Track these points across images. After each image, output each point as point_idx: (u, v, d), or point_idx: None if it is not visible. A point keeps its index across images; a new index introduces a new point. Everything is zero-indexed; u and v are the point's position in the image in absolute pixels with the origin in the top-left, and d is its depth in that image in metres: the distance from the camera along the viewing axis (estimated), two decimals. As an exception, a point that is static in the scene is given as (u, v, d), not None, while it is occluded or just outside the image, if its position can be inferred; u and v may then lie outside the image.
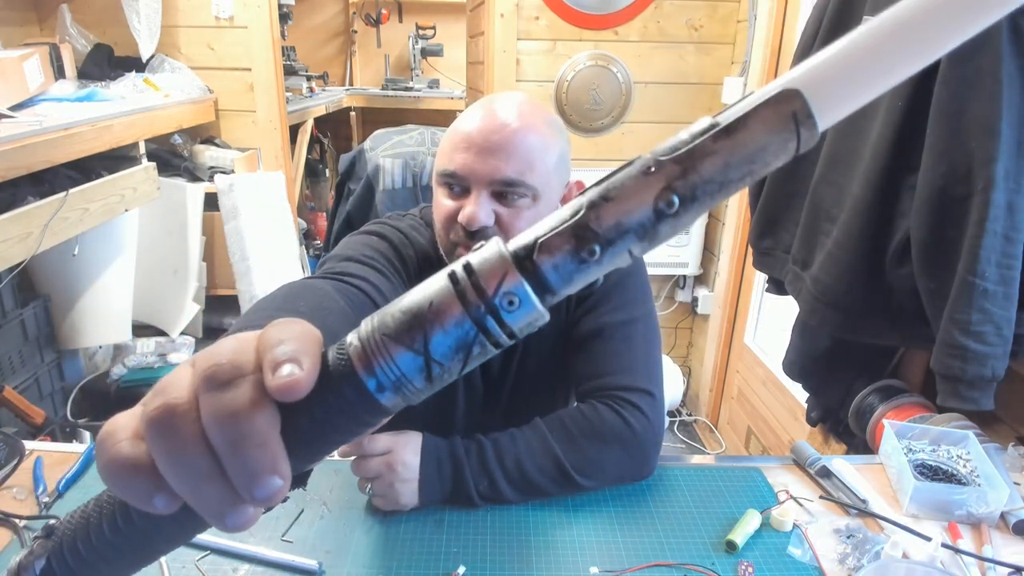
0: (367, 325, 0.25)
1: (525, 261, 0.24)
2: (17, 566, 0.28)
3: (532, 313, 0.24)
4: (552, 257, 0.24)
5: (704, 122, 0.23)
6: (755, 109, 0.23)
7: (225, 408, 0.23)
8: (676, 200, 0.23)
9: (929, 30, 0.21)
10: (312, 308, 0.62)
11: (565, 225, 0.24)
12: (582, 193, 0.24)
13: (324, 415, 0.25)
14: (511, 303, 0.24)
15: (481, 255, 0.24)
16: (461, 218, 0.81)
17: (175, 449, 0.23)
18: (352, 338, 0.25)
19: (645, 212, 0.23)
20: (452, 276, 0.24)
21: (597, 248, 0.23)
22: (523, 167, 0.80)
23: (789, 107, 0.22)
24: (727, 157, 0.23)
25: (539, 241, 0.24)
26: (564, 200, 0.91)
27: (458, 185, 0.83)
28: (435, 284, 0.25)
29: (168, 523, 0.26)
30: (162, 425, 0.24)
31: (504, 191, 0.81)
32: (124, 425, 0.25)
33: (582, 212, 0.24)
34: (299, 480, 0.38)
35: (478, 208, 0.79)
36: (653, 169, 0.23)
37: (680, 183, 0.23)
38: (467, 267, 0.24)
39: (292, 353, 0.24)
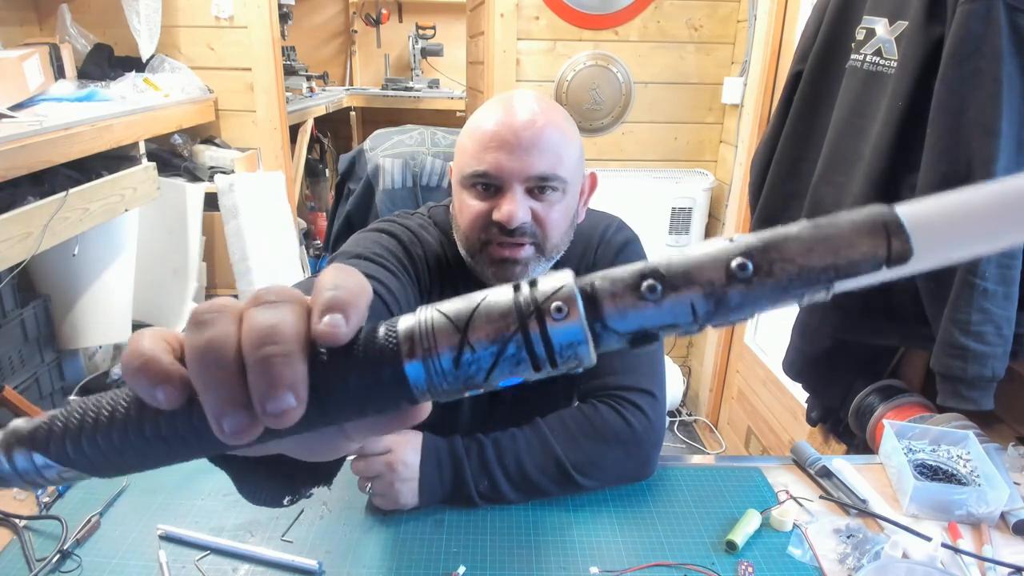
0: (422, 311, 0.26)
1: (586, 286, 0.24)
2: (18, 427, 0.27)
3: (576, 332, 0.24)
4: (612, 287, 0.24)
5: (803, 222, 0.24)
6: (846, 212, 0.24)
7: (265, 317, 0.24)
8: (750, 266, 0.23)
9: None
10: None
11: (634, 267, 0.24)
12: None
13: (356, 382, 0.25)
14: (559, 311, 0.24)
15: (548, 276, 0.25)
16: (499, 216, 0.81)
17: (210, 341, 0.24)
18: (407, 318, 0.26)
19: (716, 270, 0.23)
20: (516, 286, 0.25)
21: (659, 287, 0.24)
22: (554, 161, 0.81)
23: (881, 217, 0.24)
24: (810, 242, 0.23)
25: (605, 275, 0.25)
26: (583, 193, 0.91)
27: (491, 185, 0.83)
28: (497, 288, 0.25)
29: (170, 431, 0.25)
30: (205, 316, 0.25)
31: (537, 186, 0.82)
32: (159, 331, 0.26)
33: (655, 261, 0.24)
34: (325, 477, 0.38)
35: (516, 206, 0.80)
36: (733, 240, 0.24)
37: (757, 253, 0.23)
38: (532, 282, 0.25)
39: (342, 303, 0.25)
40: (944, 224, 0.23)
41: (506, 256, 0.84)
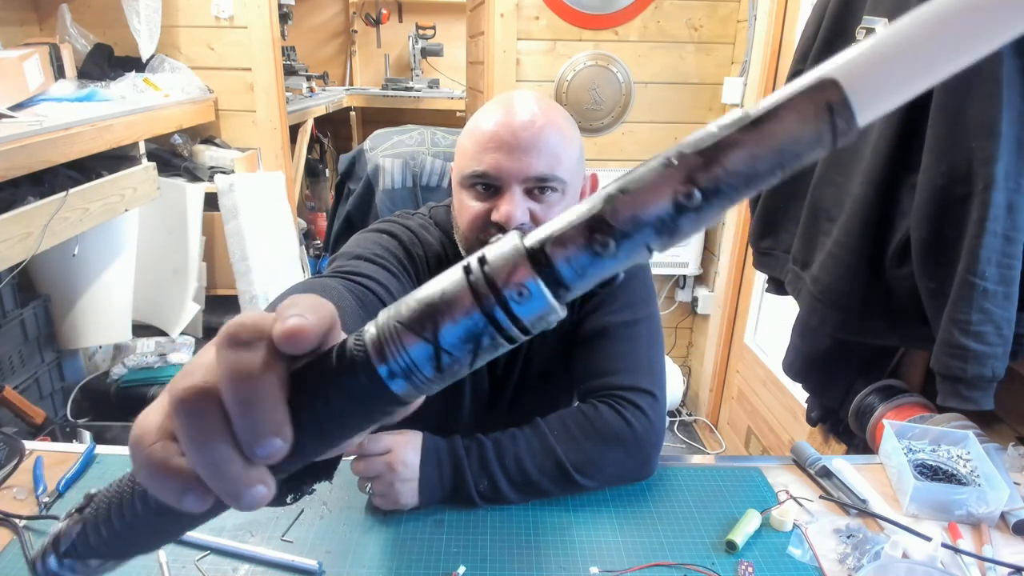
0: (384, 315, 0.26)
1: (539, 254, 0.24)
2: (57, 534, 0.29)
3: (543, 307, 0.24)
4: (565, 250, 0.23)
5: (735, 114, 0.22)
6: (788, 99, 0.22)
7: (238, 367, 0.25)
8: (697, 194, 0.22)
9: (981, 19, 0.20)
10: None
11: (580, 219, 0.23)
12: (603, 188, 0.24)
13: (338, 399, 0.25)
14: (521, 294, 0.24)
15: (496, 248, 0.25)
16: (497, 217, 0.81)
17: (195, 423, 0.25)
18: (370, 327, 0.26)
19: (664, 205, 0.22)
20: (466, 268, 0.25)
21: (611, 241, 0.23)
22: (552, 162, 0.81)
23: (824, 97, 0.21)
24: (754, 149, 0.21)
25: (553, 235, 0.24)
26: (583, 194, 0.91)
27: (490, 185, 0.83)
28: (450, 275, 0.25)
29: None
30: (190, 407, 0.25)
31: (536, 187, 0.82)
32: (152, 424, 0.26)
33: (599, 206, 0.23)
34: (325, 472, 0.38)
35: (515, 207, 0.80)
36: (675, 162, 0.22)
37: (702, 175, 0.22)
38: (481, 259, 0.24)
39: (300, 311, 0.26)
40: (885, 76, 0.21)
41: None
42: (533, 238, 0.24)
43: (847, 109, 0.21)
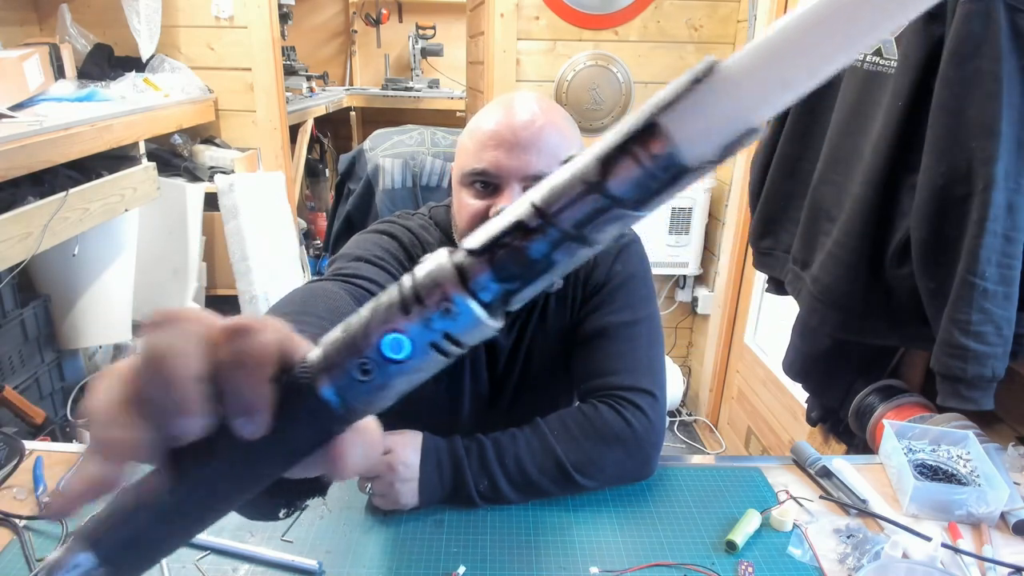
0: (328, 336, 0.26)
1: (466, 272, 0.24)
2: (52, 564, 0.28)
3: (473, 322, 0.24)
4: (492, 266, 0.23)
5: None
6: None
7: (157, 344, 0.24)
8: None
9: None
10: (329, 311, 0.66)
11: (511, 225, 0.23)
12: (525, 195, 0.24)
13: (284, 420, 0.25)
14: (448, 311, 0.23)
15: (426, 265, 0.24)
16: (495, 215, 0.81)
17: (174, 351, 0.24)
18: (316, 349, 0.26)
19: (584, 209, 0.22)
20: (400, 284, 0.25)
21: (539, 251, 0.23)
22: (552, 161, 0.82)
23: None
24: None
25: (483, 245, 0.24)
26: None
27: (489, 183, 0.83)
28: (386, 292, 0.25)
29: (206, 485, 0.26)
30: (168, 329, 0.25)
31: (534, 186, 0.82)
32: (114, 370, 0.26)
33: (526, 213, 0.23)
34: (319, 489, 0.38)
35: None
36: (592, 179, 0.22)
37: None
38: (412, 276, 0.24)
39: (244, 407, 0.24)
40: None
41: None
42: (463, 250, 0.24)
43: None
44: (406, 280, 0.24)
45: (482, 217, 0.83)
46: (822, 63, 0.19)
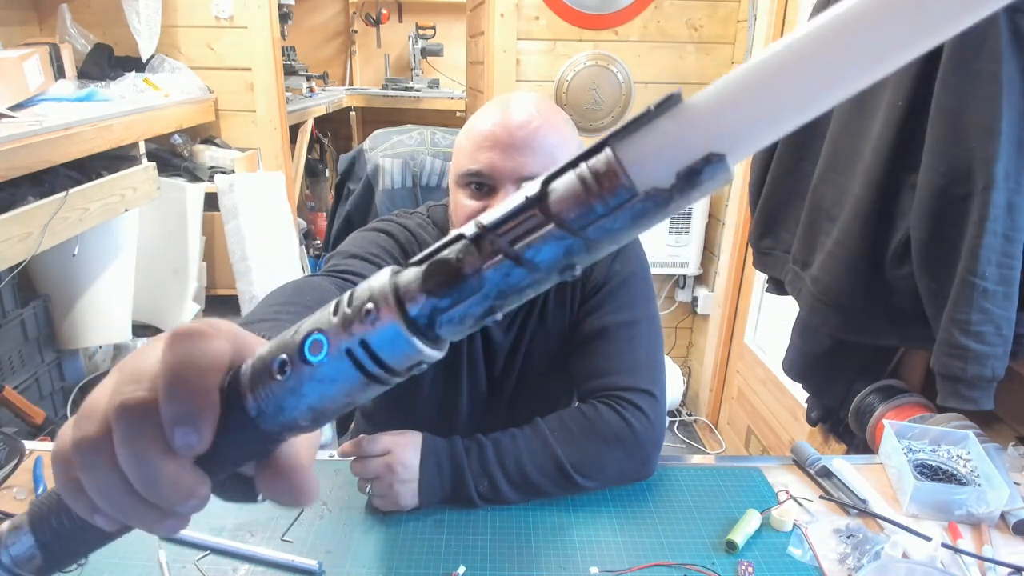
0: (263, 348, 0.25)
1: (400, 278, 0.23)
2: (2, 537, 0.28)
3: (393, 335, 0.22)
4: (428, 294, 0.22)
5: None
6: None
7: (134, 454, 0.24)
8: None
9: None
10: (317, 303, 0.64)
11: (452, 237, 0.22)
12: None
13: (228, 439, 0.24)
14: (367, 316, 0.22)
15: (368, 283, 0.23)
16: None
17: (97, 480, 0.24)
18: (248, 361, 0.25)
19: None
20: (337, 302, 0.24)
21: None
22: (547, 162, 0.81)
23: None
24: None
25: (423, 256, 0.22)
26: None
27: (484, 184, 0.83)
28: (324, 309, 0.24)
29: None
30: (83, 457, 0.24)
31: None
32: (63, 444, 0.26)
33: (470, 225, 0.22)
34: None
35: None
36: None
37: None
38: (350, 295, 0.23)
39: (184, 416, 0.24)
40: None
41: None
42: (406, 272, 0.23)
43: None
44: (343, 298, 0.23)
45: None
46: (791, 105, 0.19)
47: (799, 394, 1.86)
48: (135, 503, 0.24)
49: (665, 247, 2.57)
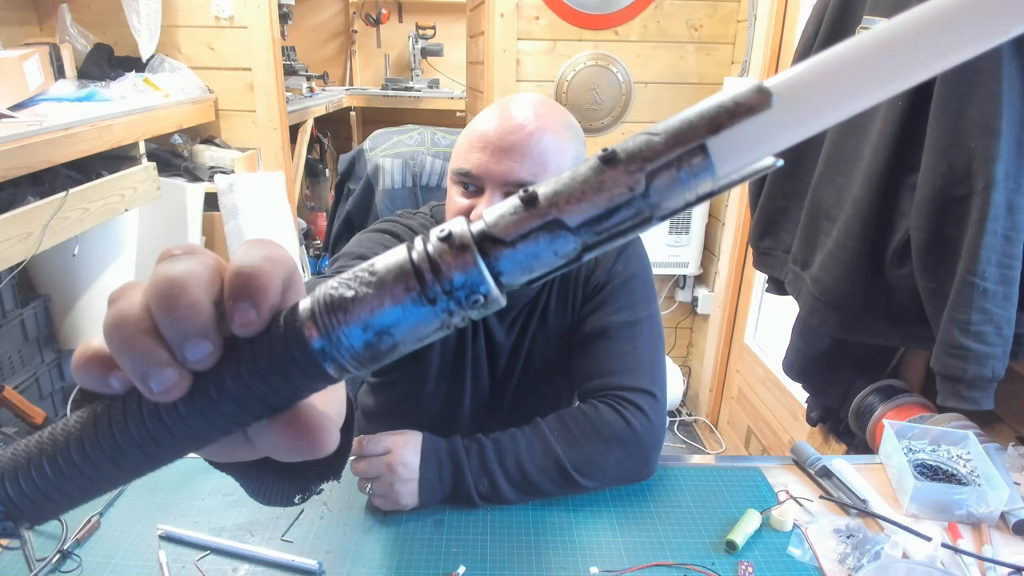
0: (320, 289, 0.25)
1: (485, 243, 0.23)
2: None
3: (488, 294, 0.23)
4: (508, 246, 0.23)
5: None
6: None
7: (166, 270, 0.24)
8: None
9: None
10: None
11: (516, 208, 0.24)
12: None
13: (266, 365, 0.24)
14: (467, 278, 0.23)
15: (442, 232, 0.24)
16: (474, 217, 0.81)
17: (116, 312, 0.24)
18: (306, 299, 0.25)
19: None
20: (409, 248, 0.24)
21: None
22: (537, 169, 0.80)
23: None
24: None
25: (495, 225, 0.24)
26: None
27: (472, 184, 0.83)
28: (396, 254, 0.24)
29: (133, 435, 0.25)
30: (113, 296, 0.25)
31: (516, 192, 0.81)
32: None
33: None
34: (332, 471, 0.37)
35: None
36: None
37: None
38: (425, 240, 0.24)
39: (251, 289, 0.24)
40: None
41: None
42: (481, 224, 0.24)
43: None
44: (418, 242, 0.24)
45: (465, 216, 0.83)
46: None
47: (799, 394, 1.86)
48: (145, 328, 0.24)
49: (665, 247, 2.57)
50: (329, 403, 0.29)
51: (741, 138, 0.21)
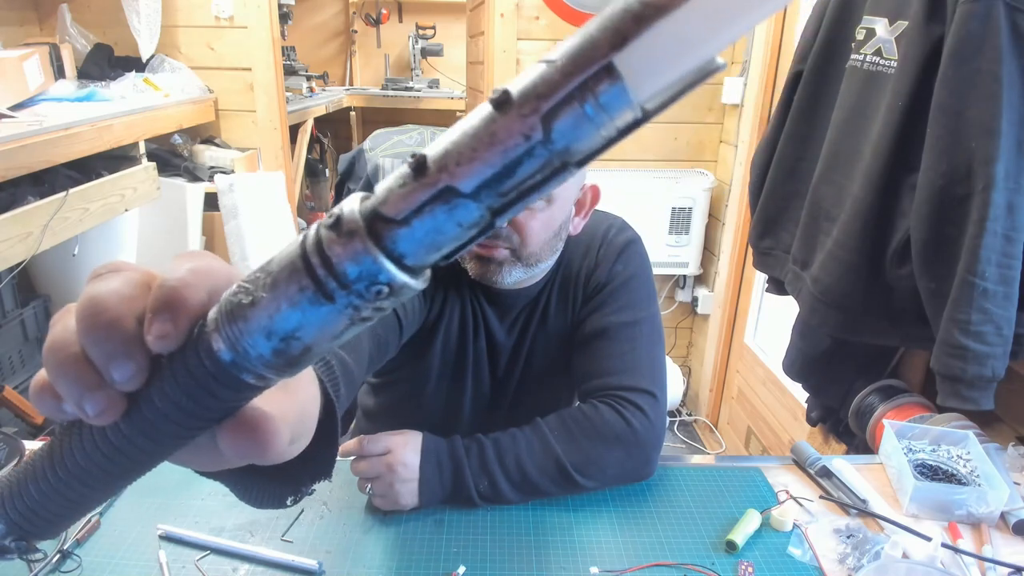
0: (224, 295, 0.23)
1: (377, 224, 0.20)
2: None
3: (392, 282, 0.21)
4: (401, 225, 0.20)
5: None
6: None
7: (90, 290, 0.24)
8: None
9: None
10: None
11: (406, 178, 0.21)
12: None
13: (187, 381, 0.23)
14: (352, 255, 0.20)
15: (331, 217, 0.21)
16: None
17: (51, 340, 0.24)
18: (212, 311, 0.23)
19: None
20: (302, 241, 0.22)
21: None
22: None
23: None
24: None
25: (384, 202, 0.21)
26: (579, 204, 0.92)
27: None
28: (289, 249, 0.22)
29: (96, 455, 0.25)
30: (51, 322, 0.26)
31: None
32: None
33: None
34: (323, 471, 0.37)
35: None
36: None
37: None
38: (317, 231, 0.21)
39: (170, 302, 0.23)
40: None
41: (482, 253, 0.87)
42: (370, 204, 0.21)
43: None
44: (310, 233, 0.22)
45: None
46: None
47: (799, 394, 1.86)
48: (75, 358, 0.24)
49: (665, 247, 2.57)
50: (280, 402, 0.27)
51: (658, 47, 0.17)
